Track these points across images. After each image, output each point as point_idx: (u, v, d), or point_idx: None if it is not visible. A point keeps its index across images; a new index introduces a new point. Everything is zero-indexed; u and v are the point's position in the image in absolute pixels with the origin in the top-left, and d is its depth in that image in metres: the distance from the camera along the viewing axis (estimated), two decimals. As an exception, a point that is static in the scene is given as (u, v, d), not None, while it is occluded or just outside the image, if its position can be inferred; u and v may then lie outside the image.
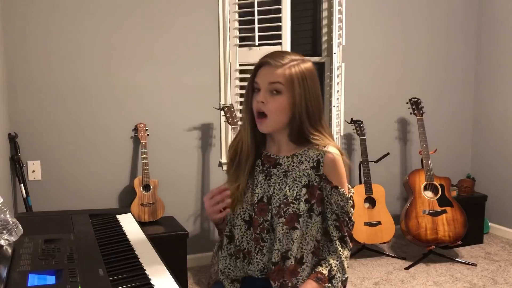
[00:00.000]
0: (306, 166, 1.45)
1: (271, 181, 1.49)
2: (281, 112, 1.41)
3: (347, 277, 1.49)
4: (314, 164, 1.45)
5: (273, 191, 1.47)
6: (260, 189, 1.49)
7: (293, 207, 1.43)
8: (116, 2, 3.00)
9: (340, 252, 1.45)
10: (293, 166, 1.47)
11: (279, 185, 1.47)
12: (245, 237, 1.52)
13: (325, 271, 1.42)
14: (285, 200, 1.44)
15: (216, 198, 1.42)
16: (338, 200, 1.44)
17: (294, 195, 1.44)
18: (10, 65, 2.81)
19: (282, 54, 1.44)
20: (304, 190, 1.44)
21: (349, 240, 1.48)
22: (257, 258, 1.49)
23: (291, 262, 1.45)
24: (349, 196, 1.46)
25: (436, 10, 3.91)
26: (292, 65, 1.41)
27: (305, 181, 1.44)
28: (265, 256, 1.48)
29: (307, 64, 1.45)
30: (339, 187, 1.44)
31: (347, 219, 1.46)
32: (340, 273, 1.44)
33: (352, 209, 1.48)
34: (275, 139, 1.50)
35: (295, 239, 1.44)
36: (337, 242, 1.46)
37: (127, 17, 3.04)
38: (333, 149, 1.45)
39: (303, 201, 1.44)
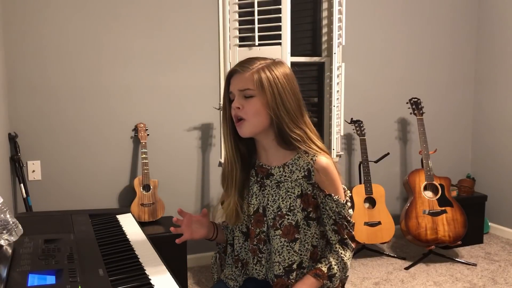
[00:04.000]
0: (297, 176, 1.43)
1: (265, 192, 1.47)
2: (258, 113, 1.38)
3: (348, 276, 1.49)
4: (305, 173, 1.42)
5: (267, 202, 1.46)
6: (256, 200, 1.48)
7: (288, 219, 1.42)
8: (116, 3, 3.00)
9: (342, 254, 1.44)
10: (285, 176, 1.45)
11: (272, 196, 1.46)
12: (243, 248, 1.53)
13: (324, 268, 1.41)
14: (279, 212, 1.43)
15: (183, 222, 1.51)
16: (333, 207, 1.42)
17: (288, 206, 1.42)
18: (10, 65, 2.81)
19: (250, 59, 1.42)
20: (298, 201, 1.42)
21: (350, 241, 1.46)
22: (256, 269, 1.50)
23: (296, 274, 1.44)
24: (345, 201, 1.43)
25: (436, 10, 3.91)
26: (261, 68, 1.38)
27: (298, 191, 1.43)
28: (264, 267, 1.49)
29: (278, 63, 1.42)
30: (333, 195, 1.41)
31: (345, 223, 1.43)
32: (340, 272, 1.44)
33: (350, 211, 1.45)
34: (264, 146, 1.47)
35: (298, 250, 1.43)
36: (337, 245, 1.45)
37: (126, 17, 3.04)
38: (324, 156, 1.42)
39: (300, 211, 1.42)
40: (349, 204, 1.45)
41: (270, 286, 1.48)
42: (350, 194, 1.50)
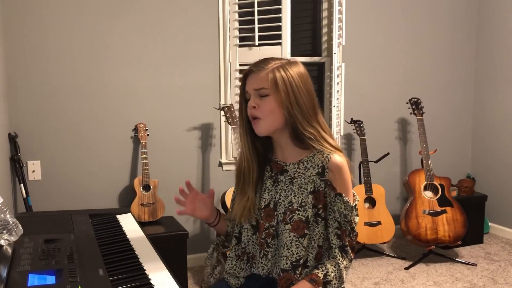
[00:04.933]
0: (311, 173, 1.44)
1: (278, 188, 1.49)
2: (273, 112, 1.40)
3: (344, 287, 1.47)
4: (319, 170, 1.43)
5: (279, 198, 1.48)
6: (268, 195, 1.50)
7: (299, 214, 1.43)
8: (116, 3, 3.00)
9: (339, 261, 1.43)
10: (299, 173, 1.46)
11: (285, 192, 1.47)
12: (251, 241, 1.54)
13: (320, 274, 1.40)
14: (290, 207, 1.44)
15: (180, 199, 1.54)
16: (341, 208, 1.42)
17: (300, 202, 1.43)
18: (10, 65, 2.81)
19: (266, 59, 1.44)
20: (310, 197, 1.43)
21: (350, 250, 1.45)
22: (261, 263, 1.50)
23: (301, 269, 1.45)
24: (354, 205, 1.43)
25: (436, 10, 3.91)
26: (275, 67, 1.40)
27: (310, 188, 1.43)
28: (269, 262, 1.49)
29: (293, 63, 1.44)
30: (343, 195, 1.42)
31: (349, 228, 1.43)
32: (336, 281, 1.42)
33: (357, 218, 1.44)
34: (280, 144, 1.49)
35: (306, 246, 1.44)
36: (337, 251, 1.44)
37: (126, 17, 3.04)
38: (339, 155, 1.43)
39: (310, 207, 1.43)
40: (356, 209, 1.45)
41: (273, 283, 1.48)
42: (358, 200, 1.49)
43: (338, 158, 1.42)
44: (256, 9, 3.15)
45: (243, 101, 1.47)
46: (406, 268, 3.27)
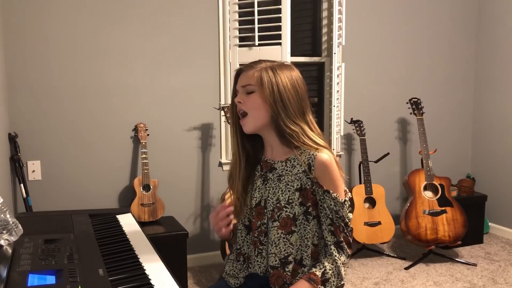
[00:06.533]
0: (298, 170, 1.45)
1: (267, 185, 1.51)
2: (258, 108, 1.43)
3: (343, 283, 1.46)
4: (306, 167, 1.44)
5: (268, 195, 1.49)
6: (258, 193, 1.52)
7: (286, 211, 1.44)
8: (116, 3, 3.00)
9: (336, 258, 1.42)
10: (286, 170, 1.47)
11: (273, 189, 1.49)
12: (246, 241, 1.55)
13: (318, 273, 1.40)
14: (278, 205, 1.45)
15: (220, 215, 1.50)
16: (331, 205, 1.41)
17: (287, 199, 1.44)
18: (10, 65, 2.81)
19: (259, 60, 1.49)
20: (297, 194, 1.44)
21: (346, 246, 1.44)
22: (257, 261, 1.51)
23: (292, 266, 1.45)
24: (343, 200, 1.42)
25: (436, 10, 3.91)
26: (264, 66, 1.45)
27: (297, 185, 1.44)
28: (264, 259, 1.50)
29: (285, 65, 1.48)
30: (331, 192, 1.41)
31: (342, 224, 1.42)
32: (335, 278, 1.41)
33: (350, 215, 1.44)
34: (270, 142, 1.51)
35: (294, 243, 1.45)
36: (332, 247, 1.43)
37: (126, 17, 3.04)
38: (325, 153, 1.43)
39: (297, 204, 1.44)
40: (348, 204, 1.44)
41: None
42: (350, 196, 1.49)
43: (324, 156, 1.42)
44: (256, 9, 3.15)
45: (234, 99, 1.51)
46: (406, 268, 3.27)
